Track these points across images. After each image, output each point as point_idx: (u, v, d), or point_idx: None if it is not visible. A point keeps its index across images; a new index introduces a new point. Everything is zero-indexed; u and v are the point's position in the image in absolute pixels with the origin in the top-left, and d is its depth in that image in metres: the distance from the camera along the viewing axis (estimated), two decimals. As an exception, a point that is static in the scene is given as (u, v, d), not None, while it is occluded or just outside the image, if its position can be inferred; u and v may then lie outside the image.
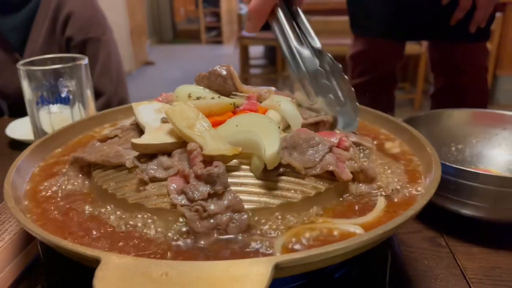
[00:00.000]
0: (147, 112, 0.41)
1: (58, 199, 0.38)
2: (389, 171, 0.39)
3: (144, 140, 0.36)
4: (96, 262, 0.26)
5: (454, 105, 0.74)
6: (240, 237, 0.31)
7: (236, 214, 0.32)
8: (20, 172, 0.40)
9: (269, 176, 0.34)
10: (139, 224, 0.33)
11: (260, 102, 0.43)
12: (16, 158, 0.40)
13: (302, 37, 0.48)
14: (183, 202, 0.32)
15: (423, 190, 0.36)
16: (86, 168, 0.41)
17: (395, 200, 0.36)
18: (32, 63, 0.67)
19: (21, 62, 0.66)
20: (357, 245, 0.28)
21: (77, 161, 0.41)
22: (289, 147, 0.36)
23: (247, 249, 0.30)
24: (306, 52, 0.46)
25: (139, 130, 0.42)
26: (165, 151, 0.36)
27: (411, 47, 3.34)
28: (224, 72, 0.45)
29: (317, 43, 0.47)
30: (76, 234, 0.32)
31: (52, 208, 0.36)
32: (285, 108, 0.40)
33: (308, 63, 0.45)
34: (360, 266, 0.35)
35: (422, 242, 0.55)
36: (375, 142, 0.45)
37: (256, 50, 5.22)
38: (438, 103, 1.17)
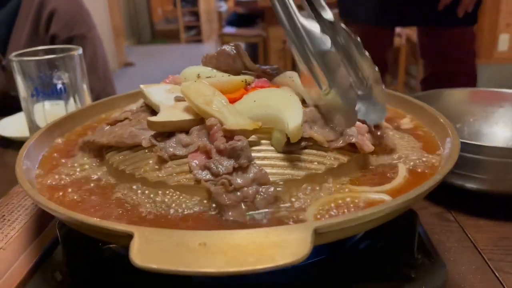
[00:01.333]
0: (159, 92, 0.40)
1: (71, 183, 0.36)
2: (406, 143, 0.39)
3: (161, 117, 0.35)
4: (128, 237, 0.25)
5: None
6: (268, 209, 0.31)
7: (262, 187, 0.31)
8: (30, 158, 0.38)
9: (291, 149, 0.34)
10: (163, 201, 0.32)
11: (270, 80, 0.43)
12: (8, 156, 0.38)
13: (307, 7, 0.38)
14: (207, 177, 0.31)
15: (444, 158, 0.36)
16: (96, 152, 0.40)
17: (417, 169, 0.36)
18: (23, 55, 0.65)
19: (13, 54, 0.64)
20: (391, 208, 0.27)
21: (87, 144, 0.39)
22: (309, 121, 0.35)
23: (278, 220, 0.30)
24: (314, 28, 0.36)
25: (150, 111, 0.41)
26: (182, 128, 0.35)
27: (392, 39, 3.36)
28: (233, 51, 0.44)
29: (328, 14, 0.37)
30: (96, 214, 0.31)
31: (67, 192, 0.35)
32: (299, 84, 0.39)
33: (318, 43, 0.36)
34: (385, 237, 0.35)
35: (431, 218, 0.55)
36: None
37: (237, 48, 5.21)
38: (428, 89, 1.18)
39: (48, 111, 0.68)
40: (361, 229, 0.29)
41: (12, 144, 0.82)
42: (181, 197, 0.32)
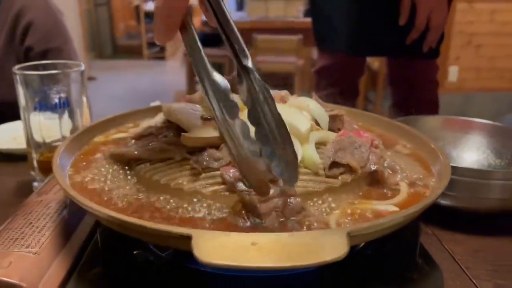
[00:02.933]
0: (183, 111, 0.43)
1: (102, 192, 0.39)
2: (405, 164, 0.45)
3: (195, 134, 0.38)
4: (187, 238, 0.29)
5: (410, 115, 0.83)
6: (296, 218, 0.35)
7: (290, 198, 0.35)
8: (62, 165, 0.41)
9: (332, 174, 0.38)
10: (195, 208, 0.36)
11: (284, 103, 0.47)
12: None
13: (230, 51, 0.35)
14: (241, 187, 0.35)
15: (438, 177, 0.42)
16: (123, 163, 0.42)
17: (417, 186, 0.41)
18: (25, 68, 0.66)
19: (16, 66, 0.65)
20: (408, 215, 0.32)
21: (116, 157, 0.42)
22: (341, 149, 0.40)
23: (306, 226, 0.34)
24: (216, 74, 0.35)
25: (175, 127, 0.44)
26: (212, 144, 0.39)
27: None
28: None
29: (248, 61, 0.35)
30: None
31: (103, 199, 0.37)
32: (314, 108, 0.44)
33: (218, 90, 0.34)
34: (390, 244, 0.40)
35: (411, 233, 0.61)
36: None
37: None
38: (397, 114, 1.28)
39: (44, 124, 0.69)
40: (381, 234, 0.34)
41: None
42: (212, 205, 0.36)
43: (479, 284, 0.50)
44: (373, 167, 0.40)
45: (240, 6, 4.81)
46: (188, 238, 0.29)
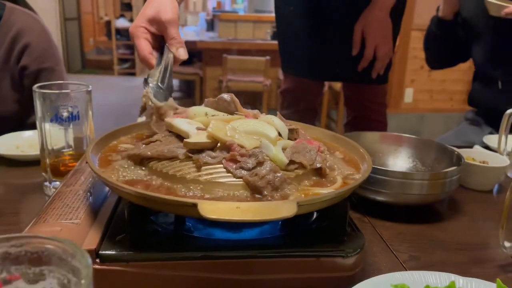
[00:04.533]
0: (182, 123, 0.60)
1: (127, 181, 0.54)
2: (340, 164, 0.63)
3: (194, 140, 0.54)
4: (193, 206, 0.44)
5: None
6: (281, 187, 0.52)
7: (276, 174, 0.52)
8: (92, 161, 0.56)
9: (288, 168, 0.55)
10: (197, 191, 0.51)
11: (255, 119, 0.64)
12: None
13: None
14: (242, 173, 0.51)
15: (363, 173, 0.59)
16: (137, 162, 0.58)
17: (348, 178, 0.59)
18: (42, 87, 0.80)
19: (36, 85, 0.79)
20: (339, 194, 0.50)
21: (132, 157, 0.58)
22: (296, 152, 0.57)
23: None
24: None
25: (176, 136, 0.60)
26: (206, 147, 0.55)
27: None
28: (229, 99, 0.65)
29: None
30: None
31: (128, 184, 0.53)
32: (277, 123, 0.61)
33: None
34: (328, 218, 0.57)
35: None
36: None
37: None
38: (350, 131, 1.47)
39: (52, 134, 0.82)
40: (321, 206, 0.50)
41: (4, 161, 0.94)
42: (206, 188, 0.52)
43: (398, 255, 0.68)
44: (318, 165, 0.57)
45: (211, 26, 5.01)
46: (194, 205, 0.44)
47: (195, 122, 0.60)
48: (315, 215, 0.61)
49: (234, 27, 4.42)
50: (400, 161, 0.95)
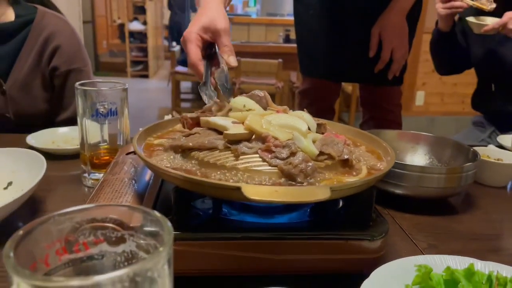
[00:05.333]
0: (219, 120, 0.65)
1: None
2: (365, 157, 0.67)
3: (233, 131, 0.60)
4: (237, 189, 0.49)
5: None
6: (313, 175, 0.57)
7: (308, 163, 0.57)
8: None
9: (319, 158, 0.60)
10: (235, 177, 0.57)
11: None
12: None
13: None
14: (277, 161, 0.56)
15: (387, 163, 0.64)
16: (179, 152, 0.63)
17: (372, 170, 0.64)
18: (83, 85, 0.86)
19: (78, 83, 0.85)
20: (366, 182, 0.55)
21: (175, 147, 0.63)
22: (325, 144, 0.62)
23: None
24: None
25: (212, 129, 0.65)
26: (243, 139, 0.60)
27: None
28: (262, 94, 0.71)
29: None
30: (200, 184, 0.55)
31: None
32: (306, 118, 0.67)
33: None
34: (354, 205, 0.62)
35: (374, 212, 0.84)
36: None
37: (185, 85, 5.46)
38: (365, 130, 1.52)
39: (90, 129, 0.88)
40: (350, 192, 0.55)
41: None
42: (244, 175, 0.57)
43: (418, 243, 0.72)
44: (346, 156, 0.62)
45: (223, 29, 5.06)
46: (238, 188, 0.49)
47: (229, 118, 0.66)
48: (341, 203, 0.66)
49: (246, 30, 4.48)
50: (417, 158, 0.99)
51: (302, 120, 0.65)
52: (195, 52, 0.80)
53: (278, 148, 0.58)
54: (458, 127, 4.19)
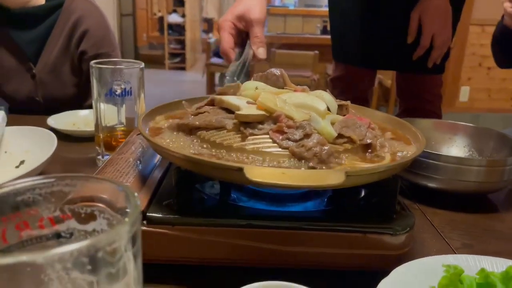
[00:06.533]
0: (233, 99, 0.60)
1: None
2: (391, 144, 0.60)
3: (245, 112, 0.54)
4: (239, 170, 0.44)
5: None
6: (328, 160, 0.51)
7: (323, 146, 0.51)
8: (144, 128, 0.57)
9: (336, 142, 0.54)
10: (244, 159, 0.51)
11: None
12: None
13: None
14: (289, 143, 0.51)
15: (415, 150, 0.57)
16: (186, 131, 0.58)
17: (396, 157, 0.57)
18: (99, 63, 0.83)
19: (93, 62, 0.82)
20: (389, 168, 0.48)
21: (181, 126, 0.58)
22: (345, 126, 0.56)
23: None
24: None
25: (223, 109, 0.60)
26: (256, 120, 0.55)
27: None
28: (278, 73, 0.65)
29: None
30: (203, 165, 0.50)
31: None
32: (326, 97, 0.60)
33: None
34: (377, 195, 0.55)
35: (402, 207, 0.76)
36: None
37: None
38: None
39: (106, 112, 0.85)
40: (370, 179, 0.49)
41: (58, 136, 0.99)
42: (251, 157, 0.52)
43: (450, 242, 0.65)
44: (368, 141, 0.55)
45: (260, 21, 5.00)
46: (240, 169, 0.44)
47: (244, 98, 0.60)
48: (363, 192, 0.59)
49: (283, 22, 4.40)
50: (454, 150, 0.90)
51: (321, 99, 0.59)
52: (227, 40, 0.79)
53: (291, 129, 0.53)
54: (506, 125, 3.96)
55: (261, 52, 0.79)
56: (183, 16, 7.06)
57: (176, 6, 7.63)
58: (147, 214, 0.50)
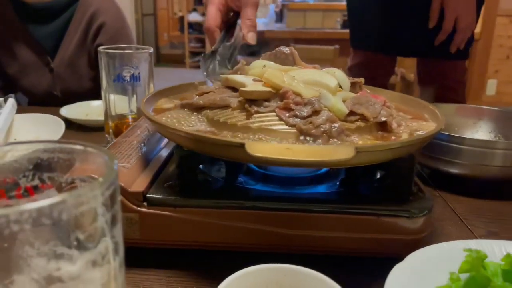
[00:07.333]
0: (239, 77, 0.57)
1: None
2: (408, 122, 0.56)
3: (250, 88, 0.51)
4: (241, 145, 0.41)
5: None
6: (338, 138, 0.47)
7: (333, 123, 0.48)
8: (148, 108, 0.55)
9: (348, 119, 0.51)
10: (249, 138, 0.48)
11: (315, 73, 0.60)
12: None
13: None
14: (296, 121, 0.48)
15: (434, 128, 0.53)
16: (193, 110, 0.56)
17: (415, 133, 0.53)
18: (108, 49, 0.81)
19: (101, 47, 0.81)
20: (404, 144, 0.44)
21: (187, 105, 0.56)
22: (358, 103, 0.52)
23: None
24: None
25: (229, 88, 0.58)
26: (262, 97, 0.52)
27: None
28: (288, 51, 0.62)
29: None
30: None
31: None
32: (338, 74, 0.57)
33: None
34: (392, 176, 0.51)
35: (422, 194, 0.72)
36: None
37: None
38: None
39: (116, 101, 0.84)
40: (382, 156, 0.45)
41: (71, 126, 0.98)
42: (256, 135, 0.49)
43: (473, 230, 0.61)
44: (383, 119, 0.52)
45: (280, 18, 4.97)
46: (242, 145, 0.41)
47: (251, 76, 0.57)
48: (378, 175, 0.55)
49: (303, 17, 4.35)
50: (479, 136, 0.85)
51: (332, 76, 0.55)
52: (213, 16, 0.71)
53: (298, 106, 0.49)
54: (535, 118, 3.80)
55: (251, 37, 0.71)
56: (203, 14, 7.07)
57: (196, 5, 7.65)
58: (147, 195, 0.48)
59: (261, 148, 0.40)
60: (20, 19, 1.36)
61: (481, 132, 0.86)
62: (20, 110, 0.87)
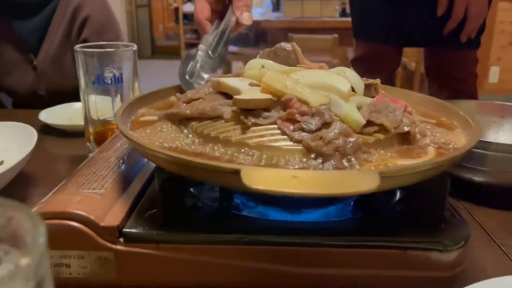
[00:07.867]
0: (234, 81, 0.48)
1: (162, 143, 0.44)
2: (434, 132, 0.48)
3: (246, 96, 0.43)
4: (236, 173, 0.33)
5: None
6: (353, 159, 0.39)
7: (348, 138, 0.39)
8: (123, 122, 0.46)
9: (365, 131, 0.42)
10: (245, 157, 0.40)
11: (322, 73, 0.51)
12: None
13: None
14: (301, 135, 0.39)
15: (468, 141, 0.44)
16: (176, 123, 0.47)
17: (444, 150, 0.44)
18: (85, 48, 0.72)
19: (78, 46, 0.72)
20: (436, 165, 0.35)
21: (170, 116, 0.47)
22: (376, 111, 0.43)
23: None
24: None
25: (222, 94, 0.49)
26: (260, 106, 0.43)
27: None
28: (289, 47, 0.53)
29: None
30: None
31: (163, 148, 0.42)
32: (350, 76, 0.48)
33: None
34: (418, 199, 0.43)
35: (443, 206, 0.64)
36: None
37: (236, 65, 5.33)
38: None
39: (98, 103, 0.75)
40: (410, 180, 0.37)
41: (52, 131, 0.89)
42: (255, 154, 0.40)
43: (508, 252, 0.52)
44: (406, 129, 0.43)
45: (277, 7, 4.85)
46: (236, 172, 0.33)
47: (247, 79, 0.49)
48: (398, 195, 0.47)
49: (300, 5, 4.23)
50: (503, 136, 0.76)
51: (343, 78, 0.46)
52: (201, 8, 0.65)
53: (305, 117, 0.41)
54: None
55: (246, 17, 0.65)
56: (198, 5, 6.93)
57: (191, -5, 7.50)
58: (124, 230, 0.40)
59: (260, 178, 0.32)
60: (1, 14, 1.26)
61: (504, 131, 0.77)
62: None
